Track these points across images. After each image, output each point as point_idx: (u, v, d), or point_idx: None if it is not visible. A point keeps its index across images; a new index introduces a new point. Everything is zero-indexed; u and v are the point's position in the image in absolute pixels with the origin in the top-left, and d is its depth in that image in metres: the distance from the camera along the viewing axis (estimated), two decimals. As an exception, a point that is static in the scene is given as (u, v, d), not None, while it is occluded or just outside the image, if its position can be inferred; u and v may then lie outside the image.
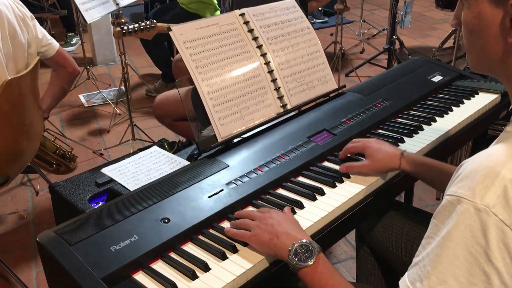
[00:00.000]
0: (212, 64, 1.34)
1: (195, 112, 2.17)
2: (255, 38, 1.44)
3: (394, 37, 3.73)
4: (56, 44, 1.95)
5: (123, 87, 3.62)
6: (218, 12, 3.47)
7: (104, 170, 1.63)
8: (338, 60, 3.69)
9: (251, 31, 1.44)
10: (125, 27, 2.07)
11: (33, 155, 1.99)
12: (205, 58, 1.33)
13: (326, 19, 5.18)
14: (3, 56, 1.72)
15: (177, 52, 3.40)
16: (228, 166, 1.22)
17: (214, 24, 1.39)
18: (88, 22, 2.42)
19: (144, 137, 3.00)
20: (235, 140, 1.35)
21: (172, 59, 3.50)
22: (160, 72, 3.68)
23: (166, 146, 1.88)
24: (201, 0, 3.32)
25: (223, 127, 1.32)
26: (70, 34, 4.55)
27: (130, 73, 2.96)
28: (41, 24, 4.75)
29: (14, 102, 1.73)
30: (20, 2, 1.84)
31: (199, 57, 1.33)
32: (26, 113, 1.82)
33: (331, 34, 4.38)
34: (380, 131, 1.41)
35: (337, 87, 1.58)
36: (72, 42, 4.52)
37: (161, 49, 3.48)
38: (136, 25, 2.08)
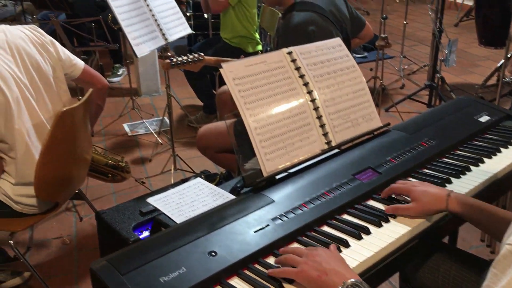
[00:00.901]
0: (260, 100, 1.38)
1: (238, 145, 2.21)
2: (301, 76, 1.47)
3: (438, 75, 3.70)
4: (81, 63, 1.99)
5: (165, 117, 3.74)
6: (259, 47, 3.55)
7: (149, 200, 1.67)
8: (378, 95, 3.69)
9: (298, 69, 1.48)
10: (174, 59, 2.15)
11: (82, 182, 2.06)
12: (253, 95, 1.37)
13: (366, 54, 5.21)
14: (29, 90, 1.77)
15: (220, 85, 3.49)
16: (274, 201, 1.23)
17: (262, 62, 1.43)
18: (139, 56, 2.52)
19: (185, 167, 3.05)
20: (280, 175, 1.36)
21: (214, 91, 3.60)
22: (202, 104, 3.77)
23: (208, 178, 1.91)
24: (244, 35, 3.41)
25: (269, 162, 1.34)
26: (116, 65, 4.74)
27: (173, 104, 3.04)
28: (89, 55, 4.98)
29: (67, 131, 1.81)
30: (38, 29, 1.90)
31: (248, 93, 1.37)
32: (77, 142, 1.90)
33: (371, 69, 4.39)
34: (425, 170, 1.40)
35: (381, 125, 1.59)
36: (118, 73, 4.70)
37: (204, 82, 3.57)
38: (185, 58, 2.16)
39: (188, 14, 4.66)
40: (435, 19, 3.71)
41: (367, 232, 1.13)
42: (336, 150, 1.48)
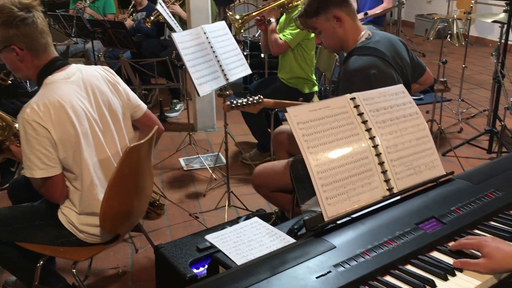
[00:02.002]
0: (323, 145, 1.39)
1: (295, 187, 2.23)
2: (364, 122, 1.48)
3: (502, 123, 3.59)
4: (144, 106, 2.09)
5: (220, 154, 3.82)
6: (316, 88, 3.59)
7: (208, 237, 1.69)
8: (435, 139, 3.62)
9: (360, 114, 1.49)
10: (235, 101, 2.22)
11: (142, 215, 2.13)
12: (316, 139, 1.39)
13: (422, 96, 5.14)
14: (99, 125, 1.86)
15: (275, 124, 3.54)
16: (335, 247, 1.23)
17: (326, 107, 1.46)
18: (201, 95, 2.62)
19: (238, 203, 3.09)
20: (341, 220, 1.36)
21: (268, 130, 3.65)
22: (256, 141, 3.82)
23: (264, 217, 1.93)
24: (301, 76, 3.47)
25: (330, 206, 1.34)
26: (175, 100, 4.92)
27: (228, 140, 3.11)
28: (149, 90, 5.19)
29: (133, 166, 1.89)
30: (111, 70, 2.01)
31: (311, 138, 1.39)
32: (141, 177, 1.98)
33: (427, 112, 4.33)
34: (492, 223, 1.36)
35: (445, 173, 1.56)
36: (176, 108, 4.87)
37: (259, 120, 3.63)
38: (245, 100, 2.22)
39: (244, 53, 4.81)
40: (497, 62, 3.64)
41: (432, 285, 1.10)
42: (398, 197, 1.47)
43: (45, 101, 1.71)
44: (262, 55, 5.10)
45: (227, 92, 3.05)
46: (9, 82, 1.98)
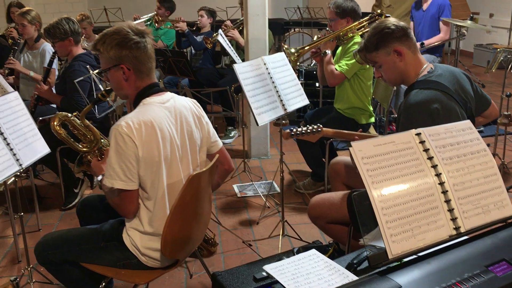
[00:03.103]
0: (387, 180, 1.38)
1: (353, 220, 2.20)
2: (430, 158, 1.46)
3: None
4: (220, 143, 2.17)
5: (273, 181, 3.83)
6: (372, 119, 3.56)
7: (266, 267, 1.70)
8: (498, 174, 3.47)
9: (426, 150, 1.47)
10: (294, 130, 2.24)
11: (200, 242, 2.17)
12: (381, 174, 1.38)
13: (482, 128, 4.97)
14: (179, 151, 1.95)
15: (330, 153, 3.52)
16: (401, 286, 1.20)
17: (391, 142, 1.45)
18: (259, 125, 2.67)
19: (291, 232, 3.07)
20: (406, 259, 1.33)
21: (323, 159, 3.64)
22: (310, 170, 3.81)
23: (321, 249, 1.91)
24: (357, 107, 3.45)
25: (394, 244, 1.32)
26: (229, 127, 5.01)
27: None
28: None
29: (194, 193, 1.94)
30: (197, 103, 2.11)
31: (376, 173, 1.38)
32: (200, 204, 2.02)
33: (488, 145, 4.18)
34: None
35: (515, 213, 1.50)
36: (230, 135, 4.95)
37: (314, 149, 3.62)
38: (304, 129, 2.24)
39: (299, 82, 4.85)
40: None
41: (506, 332, 1.06)
42: (465, 237, 1.42)
43: (140, 119, 1.82)
44: (317, 84, 5.13)
45: (284, 121, 3.08)
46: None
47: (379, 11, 3.36)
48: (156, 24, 5.64)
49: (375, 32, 2.15)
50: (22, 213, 2.50)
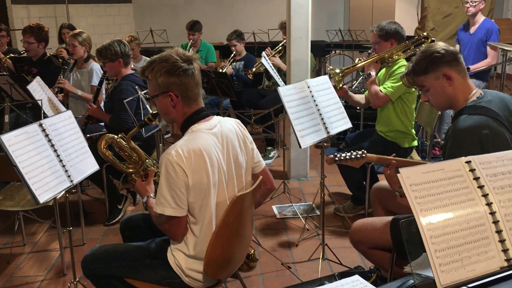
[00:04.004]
0: (436, 208, 1.36)
1: (396, 247, 2.17)
2: (480, 186, 1.43)
3: None
4: (263, 163, 2.18)
5: (313, 204, 3.81)
6: (415, 142, 3.51)
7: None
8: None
9: (476, 179, 1.44)
10: (338, 155, 2.24)
11: (241, 262, 2.18)
12: (429, 202, 1.37)
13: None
14: (225, 176, 1.97)
15: (371, 177, 3.49)
16: (450, 318, 1.18)
17: (440, 170, 1.43)
18: (302, 147, 2.68)
19: (331, 256, 3.04)
20: (454, 290, 1.31)
21: (364, 183, 3.60)
22: (350, 193, 3.78)
23: (364, 275, 1.89)
24: (400, 130, 3.41)
25: (443, 274, 1.29)
26: (269, 148, 5.04)
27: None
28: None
29: (237, 214, 1.96)
30: (242, 124, 2.13)
31: (424, 200, 1.37)
32: (243, 225, 2.04)
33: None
34: None
35: None
36: (269, 156, 4.97)
37: (355, 172, 3.59)
38: (348, 154, 2.23)
39: (340, 104, 4.84)
40: None
41: None
42: (518, 269, 1.38)
43: (189, 147, 1.85)
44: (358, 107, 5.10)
45: (325, 144, 3.08)
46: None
47: (425, 33, 3.33)
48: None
49: (424, 56, 2.14)
50: (70, 228, 2.58)
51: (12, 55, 5.13)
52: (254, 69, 5.13)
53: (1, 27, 5.55)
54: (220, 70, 5.21)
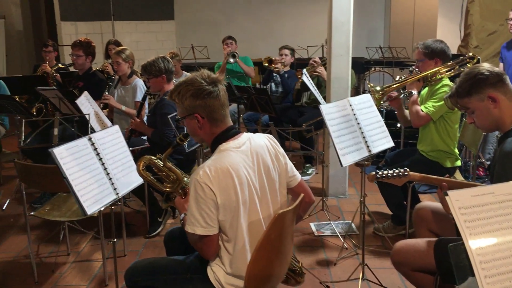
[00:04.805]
0: (486, 233, 1.34)
1: (441, 270, 2.12)
2: (533, 212, 1.40)
3: None
4: (299, 176, 2.17)
5: (352, 222, 3.77)
6: (458, 162, 3.43)
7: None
8: None
9: (528, 203, 1.41)
10: (380, 172, 2.22)
11: (281, 280, 2.17)
12: (479, 226, 1.34)
13: None
14: (257, 193, 1.98)
15: (413, 197, 3.43)
16: None
17: (490, 193, 1.41)
18: (343, 166, 2.67)
19: (370, 276, 2.99)
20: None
21: (405, 202, 3.54)
22: (390, 213, 3.72)
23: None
24: (442, 150, 3.35)
25: (493, 301, 1.26)
26: (307, 165, 5.03)
27: (359, 208, 3.08)
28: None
29: (279, 232, 1.96)
30: (274, 139, 2.13)
31: (474, 224, 1.34)
32: (284, 242, 2.04)
33: None
34: None
35: None
36: (308, 172, 4.96)
37: (396, 192, 3.54)
38: (390, 172, 2.21)
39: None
40: None
41: None
42: None
43: (217, 166, 1.88)
44: (398, 125, 5.05)
45: (366, 162, 3.06)
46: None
47: (470, 54, 3.27)
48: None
49: (468, 78, 2.11)
50: (115, 239, 2.65)
51: (60, 66, 5.33)
52: (298, 83, 5.15)
53: (48, 43, 5.79)
54: (273, 65, 5.24)
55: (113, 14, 7.71)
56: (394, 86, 3.32)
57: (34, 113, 4.81)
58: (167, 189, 2.22)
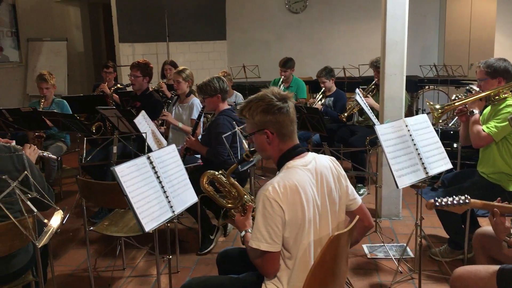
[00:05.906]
0: (559, 263, 1.27)
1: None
2: None
3: None
4: (359, 200, 2.16)
5: (406, 245, 3.66)
6: (526, 186, 3.27)
7: None
8: None
9: None
10: (439, 200, 2.15)
11: (336, 302, 2.14)
12: (550, 256, 1.28)
13: None
14: (319, 212, 1.98)
15: (471, 221, 3.29)
16: None
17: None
18: (399, 188, 2.62)
19: (427, 303, 2.90)
20: None
21: (463, 226, 3.40)
22: (447, 237, 3.59)
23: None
24: (505, 172, 3.20)
25: None
26: (359, 185, 4.95)
27: (414, 231, 2.98)
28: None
29: (333, 254, 1.94)
30: (336, 161, 2.13)
31: (544, 254, 1.28)
32: (339, 264, 2.02)
33: None
34: None
35: None
36: (359, 193, 4.88)
37: (454, 215, 3.42)
38: (450, 200, 2.14)
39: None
40: None
41: None
42: None
43: (286, 183, 1.90)
44: (455, 145, 4.89)
45: (422, 184, 2.98)
46: None
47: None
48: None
49: None
50: (170, 256, 2.70)
51: (119, 86, 5.55)
52: (346, 114, 5.13)
53: (109, 64, 6.05)
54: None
55: (168, 35, 7.97)
56: (455, 104, 3.23)
57: (94, 131, 5.03)
58: (229, 205, 2.26)
